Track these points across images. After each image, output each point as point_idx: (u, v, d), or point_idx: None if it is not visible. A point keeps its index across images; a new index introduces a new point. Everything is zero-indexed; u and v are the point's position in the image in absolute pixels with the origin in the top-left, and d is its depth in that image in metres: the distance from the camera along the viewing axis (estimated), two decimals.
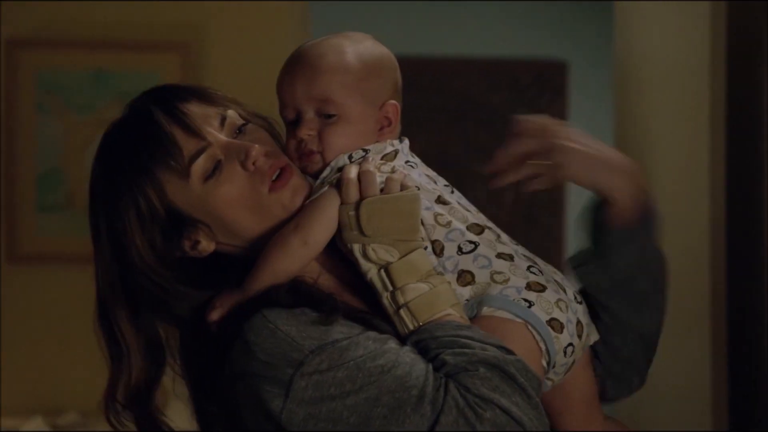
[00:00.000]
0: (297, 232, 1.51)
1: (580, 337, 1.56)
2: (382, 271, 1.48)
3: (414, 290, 1.47)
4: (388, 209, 1.50)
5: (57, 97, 4.44)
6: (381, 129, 1.63)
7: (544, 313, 1.52)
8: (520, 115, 1.64)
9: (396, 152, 1.61)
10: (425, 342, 1.45)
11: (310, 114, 1.58)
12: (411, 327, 1.47)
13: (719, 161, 2.55)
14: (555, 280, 1.57)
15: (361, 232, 1.49)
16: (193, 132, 1.55)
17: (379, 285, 1.49)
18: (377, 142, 1.62)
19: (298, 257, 1.52)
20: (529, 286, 1.53)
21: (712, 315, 2.61)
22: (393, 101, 1.63)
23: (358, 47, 1.61)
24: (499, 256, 1.55)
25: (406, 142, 1.65)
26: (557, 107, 5.56)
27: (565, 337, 1.53)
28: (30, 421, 4.09)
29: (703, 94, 2.66)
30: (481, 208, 1.66)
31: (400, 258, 1.48)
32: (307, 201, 1.55)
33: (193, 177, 1.55)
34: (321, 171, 1.60)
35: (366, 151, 1.59)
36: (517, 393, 1.40)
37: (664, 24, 3.18)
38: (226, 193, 1.55)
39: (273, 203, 1.56)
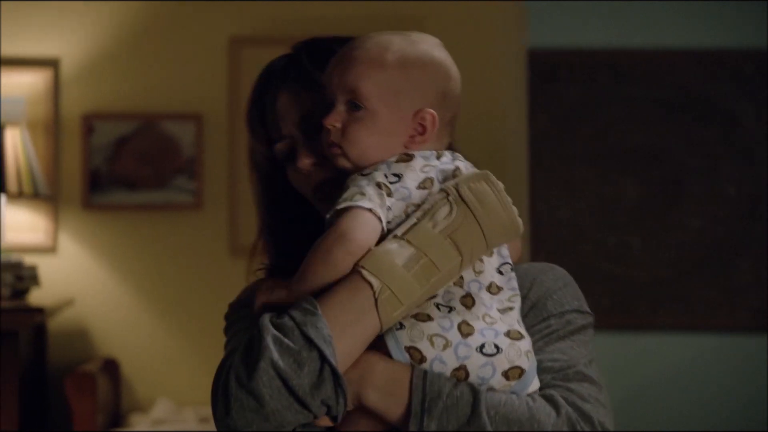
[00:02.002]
0: (340, 242, 1.46)
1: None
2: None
3: None
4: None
5: None
6: (412, 137, 1.54)
7: (407, 339, 1.45)
8: None
9: (412, 156, 1.52)
10: None
11: (340, 104, 1.54)
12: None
13: None
14: (465, 321, 1.47)
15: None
16: None
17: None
18: (406, 148, 1.54)
19: (343, 267, 1.47)
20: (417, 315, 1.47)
21: None
22: (431, 110, 1.54)
23: (406, 47, 1.54)
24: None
25: (446, 155, 1.55)
26: None
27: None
28: None
29: None
30: (700, 204, 1.57)
31: None
32: (329, 215, 1.49)
33: None
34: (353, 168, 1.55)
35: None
36: None
37: None
38: None
39: None
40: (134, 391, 4.59)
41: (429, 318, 1.45)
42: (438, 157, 1.54)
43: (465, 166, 1.54)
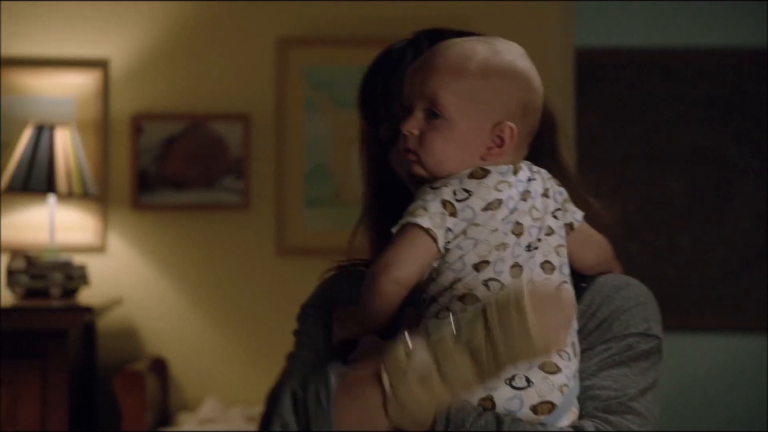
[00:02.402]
0: (386, 271, 1.45)
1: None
2: None
3: None
4: None
5: (324, 93, 4.54)
6: (490, 149, 1.50)
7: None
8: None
9: (487, 172, 1.48)
10: None
11: (418, 111, 1.51)
12: None
13: None
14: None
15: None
16: None
17: None
18: (483, 160, 1.50)
19: (390, 296, 1.47)
20: None
21: None
22: (510, 123, 1.50)
23: (489, 56, 1.50)
24: None
25: (524, 169, 1.51)
26: None
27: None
28: None
29: None
30: (749, 203, 1.54)
31: None
32: (393, 229, 1.47)
33: None
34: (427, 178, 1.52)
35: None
36: None
37: None
38: None
39: None
40: (182, 391, 4.61)
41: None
42: (515, 172, 1.50)
43: (539, 186, 1.51)
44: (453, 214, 1.45)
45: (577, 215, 1.54)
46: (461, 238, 1.45)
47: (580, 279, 1.58)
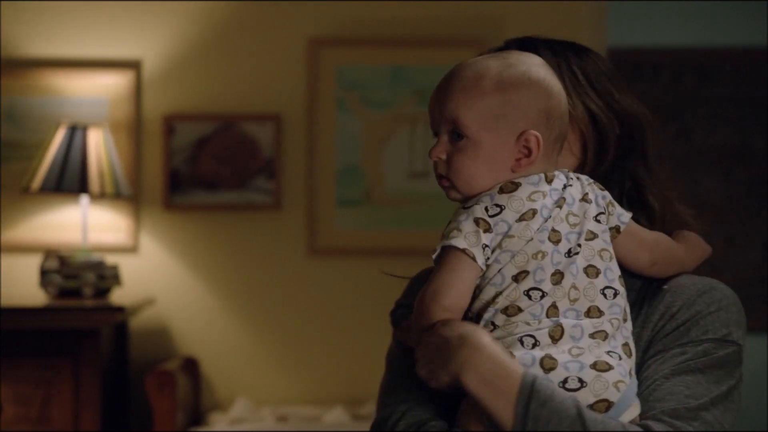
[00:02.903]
0: (435, 299, 1.48)
1: None
2: None
3: None
4: None
5: (355, 93, 4.54)
6: (518, 160, 1.52)
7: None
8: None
9: (517, 185, 1.50)
10: None
11: (443, 135, 1.53)
12: None
13: None
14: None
15: None
16: None
17: None
18: (513, 173, 1.52)
19: (441, 320, 1.50)
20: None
21: None
22: (534, 131, 1.51)
23: (503, 71, 1.53)
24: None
25: (559, 176, 1.53)
26: None
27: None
28: (331, 411, 4.19)
29: None
30: None
31: None
32: (433, 254, 1.51)
33: None
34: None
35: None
36: None
37: None
38: None
39: None
40: (214, 390, 4.62)
41: (511, 355, 1.45)
42: (549, 180, 1.52)
43: (577, 192, 1.52)
44: (487, 230, 1.48)
45: (623, 217, 1.55)
46: (498, 252, 1.47)
47: (662, 281, 1.59)
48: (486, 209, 1.49)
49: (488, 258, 1.48)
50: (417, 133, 4.65)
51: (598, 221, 1.52)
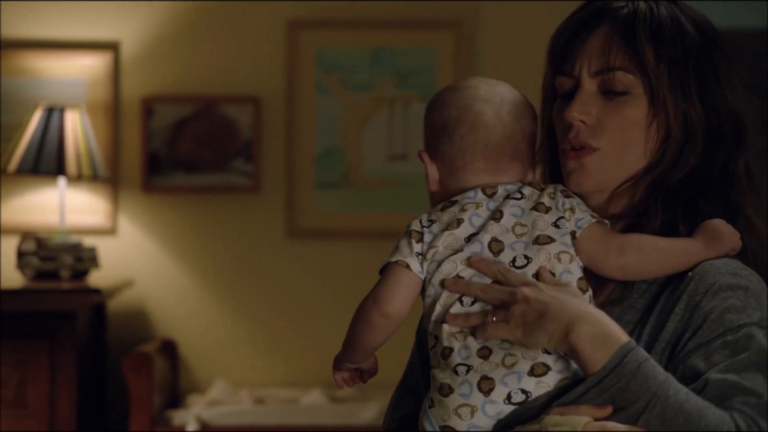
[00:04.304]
0: (375, 305, 1.52)
1: None
2: None
3: None
4: None
5: (335, 75, 4.53)
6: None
7: (439, 419, 1.46)
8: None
9: (454, 202, 1.54)
10: None
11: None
12: None
13: None
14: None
15: None
16: None
17: None
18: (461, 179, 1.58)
19: (383, 330, 1.54)
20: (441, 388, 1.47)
21: None
22: (421, 149, 1.62)
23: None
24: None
25: (503, 189, 1.55)
26: None
27: (453, 399, 1.45)
28: (309, 393, 4.19)
29: None
30: None
31: None
32: (382, 267, 1.53)
33: None
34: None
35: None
36: None
37: None
38: None
39: None
40: (192, 372, 4.62)
41: (450, 390, 1.45)
42: (490, 194, 1.53)
43: (527, 203, 1.52)
44: (419, 240, 1.52)
45: (580, 222, 1.52)
46: (425, 263, 1.51)
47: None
48: (420, 222, 1.53)
49: (423, 266, 1.51)
50: (397, 115, 4.64)
51: (557, 226, 1.51)
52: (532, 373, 1.43)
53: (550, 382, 1.43)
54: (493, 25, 4.61)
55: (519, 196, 1.52)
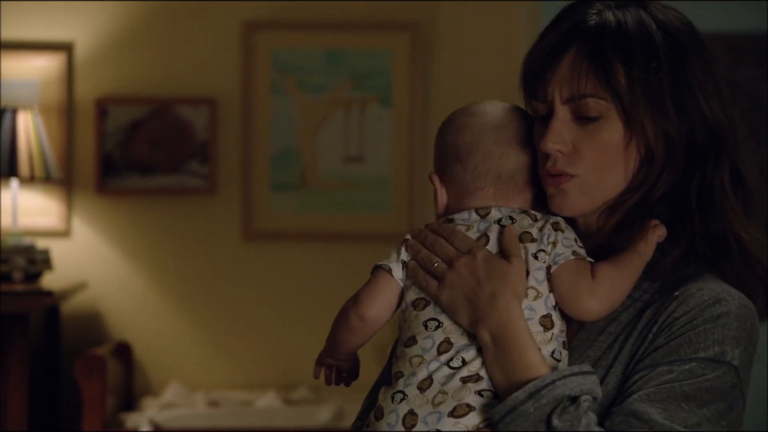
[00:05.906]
0: (354, 307, 1.53)
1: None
2: None
3: None
4: None
5: (290, 77, 4.52)
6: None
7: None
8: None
9: (450, 221, 1.55)
10: None
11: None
12: None
13: None
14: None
15: None
16: None
17: None
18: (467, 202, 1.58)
19: (359, 332, 1.54)
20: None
21: None
22: (431, 172, 1.60)
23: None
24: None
25: (496, 211, 1.53)
26: None
27: (381, 425, 1.45)
28: (264, 396, 4.18)
29: None
30: None
31: None
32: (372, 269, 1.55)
33: None
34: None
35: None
36: None
37: None
38: None
39: None
40: (146, 375, 4.59)
41: (381, 416, 1.45)
42: (483, 215, 1.52)
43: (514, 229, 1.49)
44: (407, 247, 1.53)
45: (558, 258, 1.46)
46: (406, 281, 1.51)
47: (674, 287, 1.48)
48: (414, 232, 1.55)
49: (404, 273, 1.51)
50: (353, 116, 4.63)
51: (536, 258, 1.47)
52: (452, 413, 1.41)
53: (468, 423, 1.41)
54: (449, 26, 4.62)
55: (509, 222, 1.50)
